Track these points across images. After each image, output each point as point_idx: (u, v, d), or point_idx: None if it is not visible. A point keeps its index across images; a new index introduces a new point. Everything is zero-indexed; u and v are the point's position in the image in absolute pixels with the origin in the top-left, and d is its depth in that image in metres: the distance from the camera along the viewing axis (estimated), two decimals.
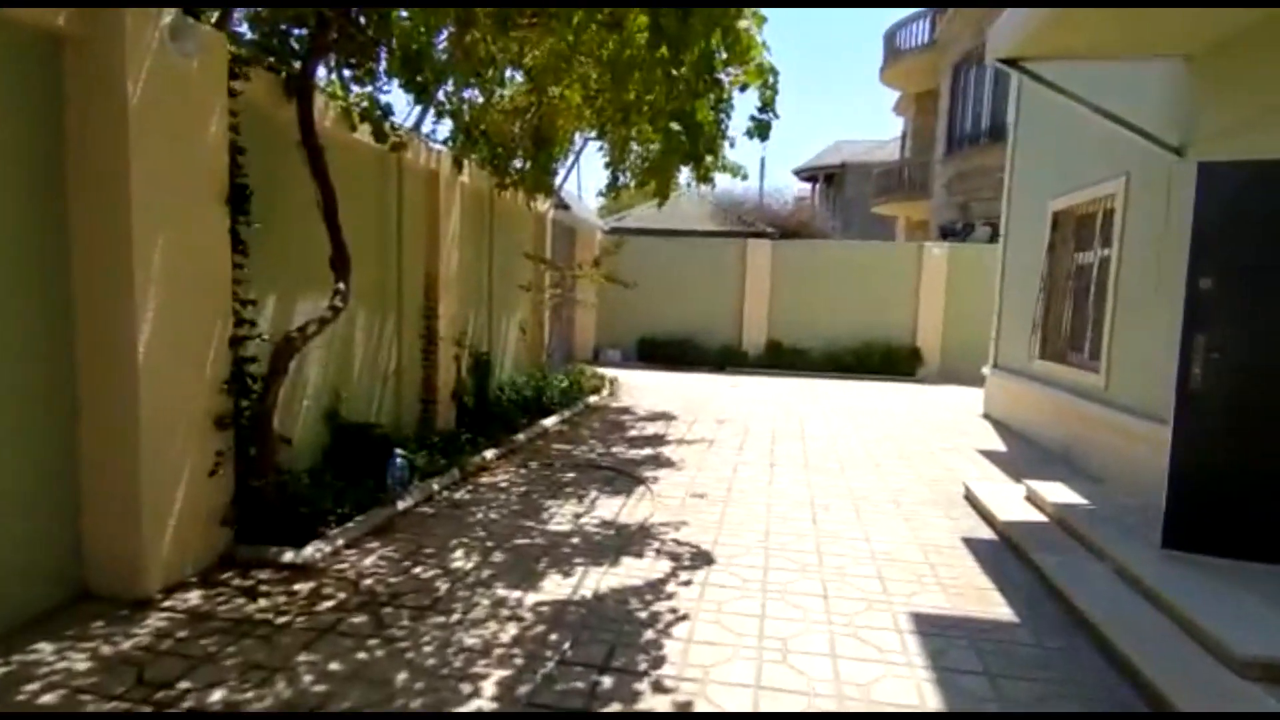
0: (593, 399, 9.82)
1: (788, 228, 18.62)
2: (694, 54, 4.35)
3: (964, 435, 8.64)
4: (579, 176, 49.38)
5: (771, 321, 14.69)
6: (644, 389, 11.39)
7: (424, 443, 5.97)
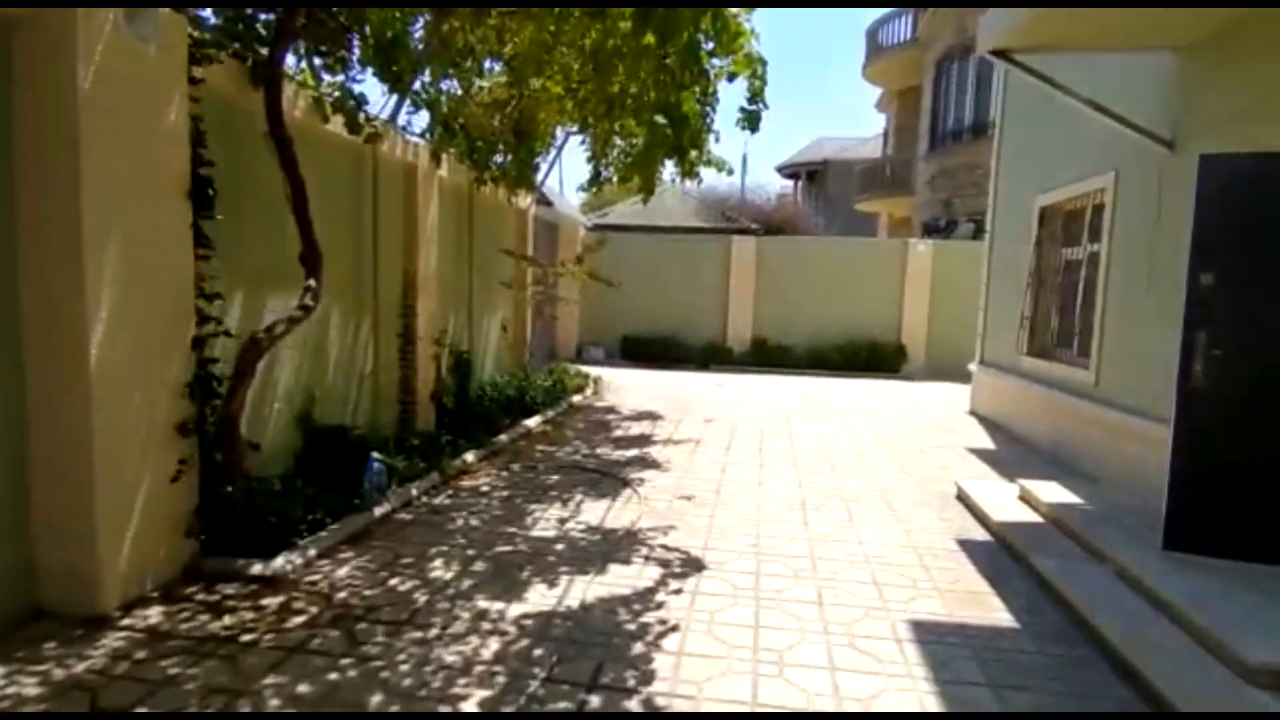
0: (576, 398, 9.64)
1: (772, 224, 18.55)
2: (681, 40, 4.19)
3: (952, 432, 8.56)
4: (561, 172, 49.04)
5: (756, 319, 14.58)
6: (628, 388, 11.23)
7: (402, 445, 5.77)
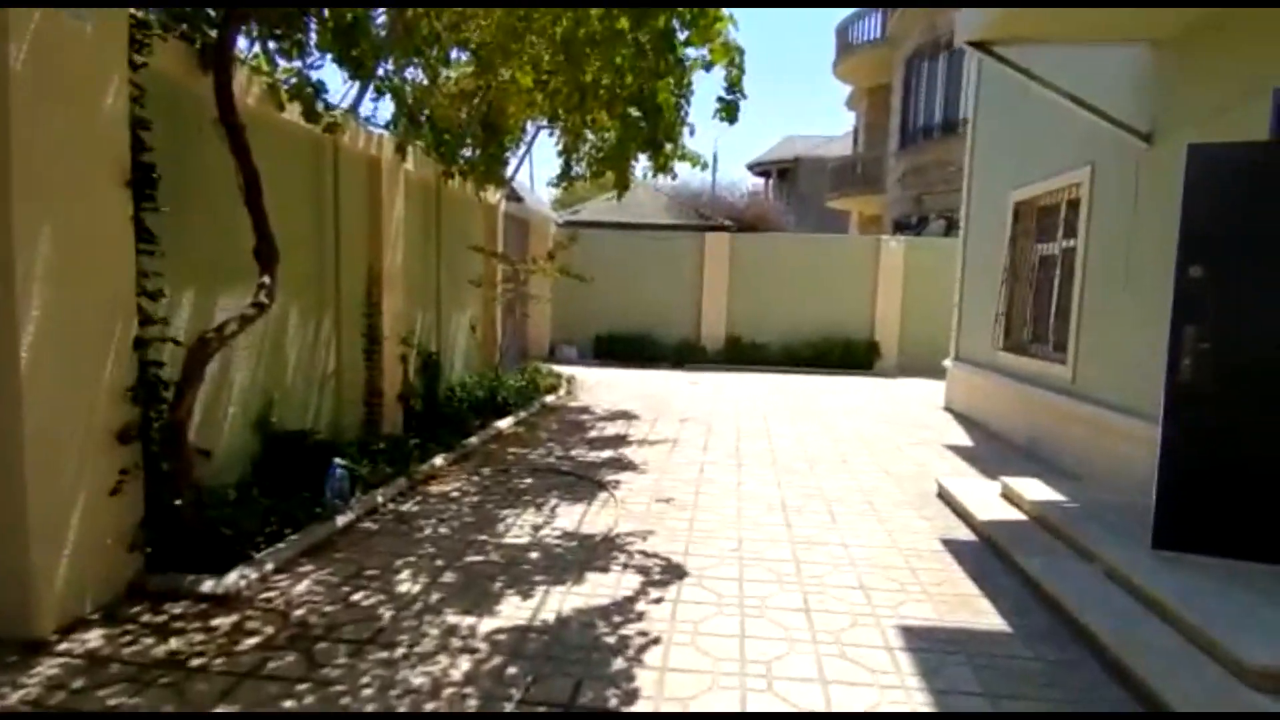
0: (549, 398, 9.43)
1: (745, 221, 18.46)
2: (658, 24, 4.01)
3: (928, 429, 8.51)
4: (531, 167, 48.53)
5: (730, 316, 14.46)
6: (602, 387, 11.04)
7: (367, 450, 5.51)
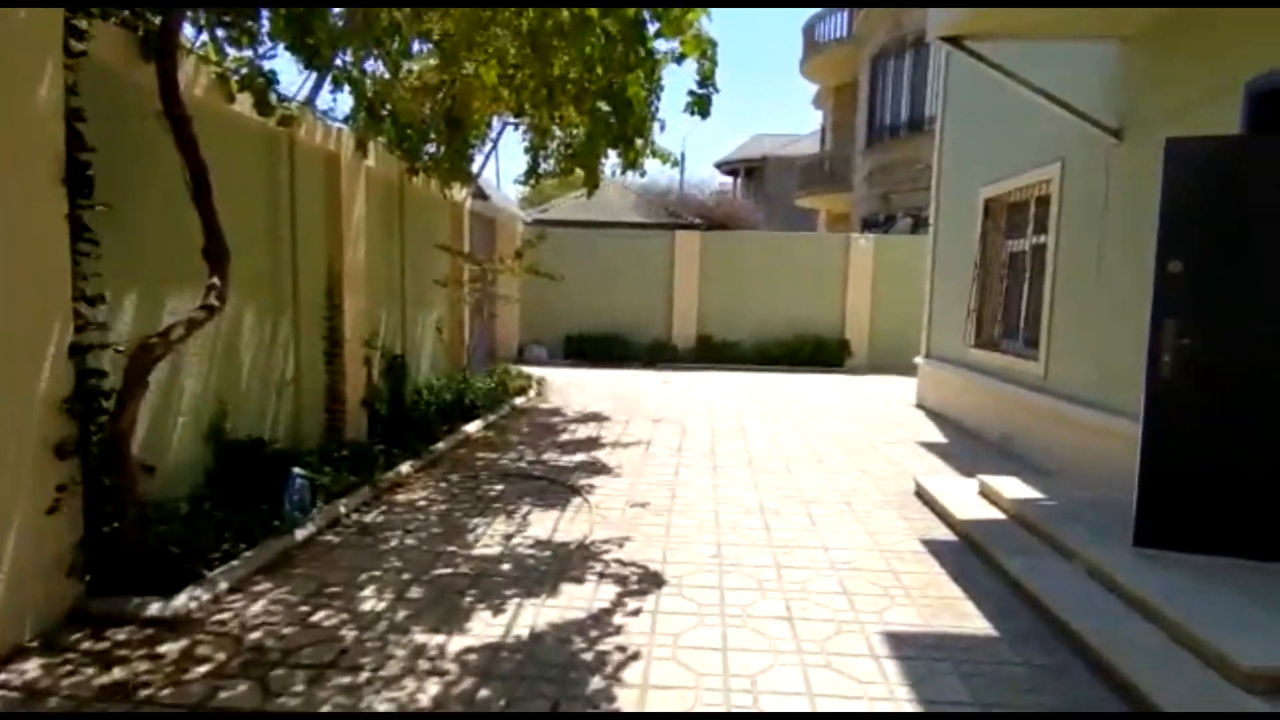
0: (519, 400, 9.24)
1: (715, 219, 18.41)
2: (628, 12, 3.86)
3: (902, 426, 8.50)
4: (498, 164, 47.91)
5: (701, 315, 14.38)
6: (573, 388, 10.86)
7: (329, 458, 5.28)
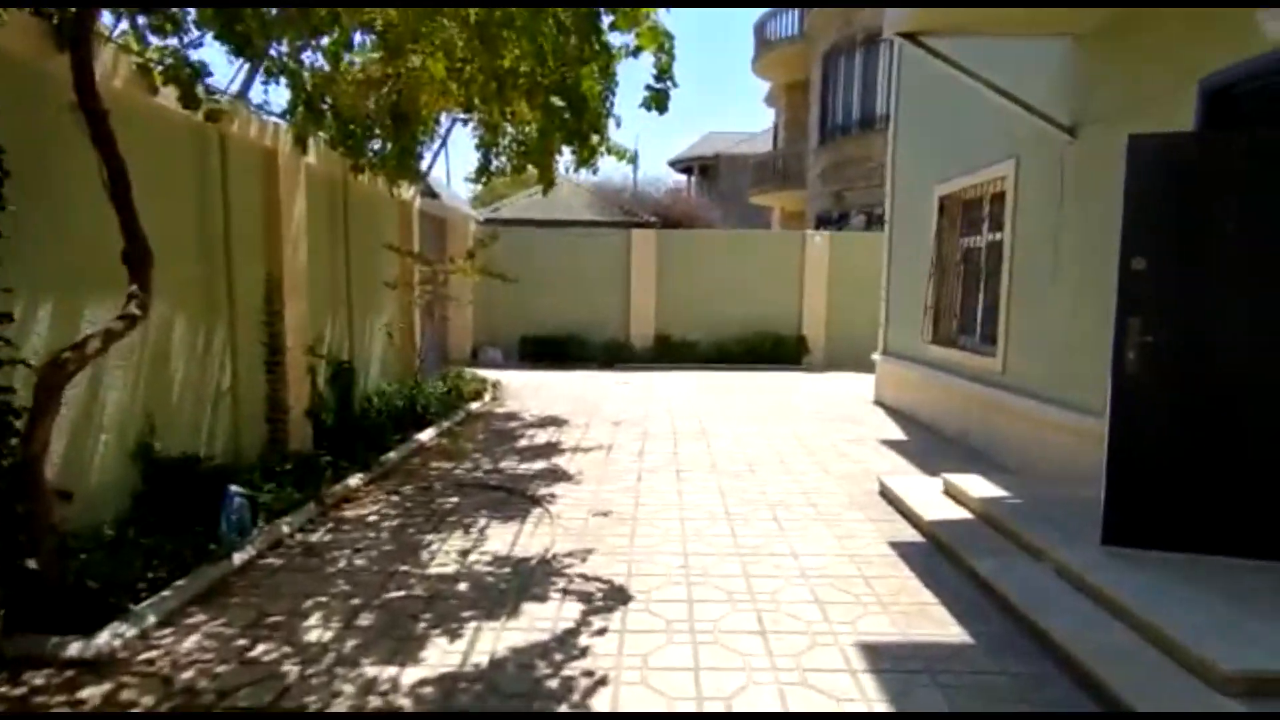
0: (475, 405, 8.96)
1: (671, 217, 18.32)
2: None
3: (861, 424, 8.49)
4: (448, 162, 47.08)
5: (659, 314, 14.25)
6: (530, 391, 10.62)
7: (272, 472, 4.98)
